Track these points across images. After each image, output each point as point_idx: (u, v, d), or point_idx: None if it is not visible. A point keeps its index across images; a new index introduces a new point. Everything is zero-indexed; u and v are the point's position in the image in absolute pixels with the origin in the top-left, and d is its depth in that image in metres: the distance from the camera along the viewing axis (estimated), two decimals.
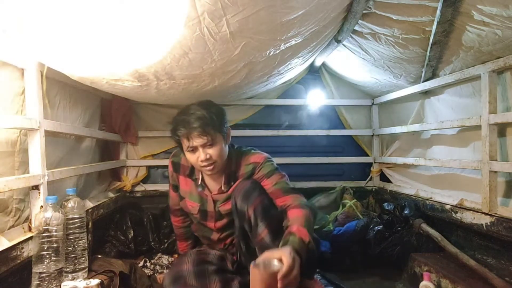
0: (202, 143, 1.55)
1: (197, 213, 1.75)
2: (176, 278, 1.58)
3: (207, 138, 1.55)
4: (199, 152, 1.57)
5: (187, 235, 1.99)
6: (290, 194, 1.61)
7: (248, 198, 1.55)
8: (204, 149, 1.57)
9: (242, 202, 1.56)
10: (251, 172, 1.68)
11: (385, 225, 2.21)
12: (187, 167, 1.77)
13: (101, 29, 1.26)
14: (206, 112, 1.58)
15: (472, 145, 2.05)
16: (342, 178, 3.14)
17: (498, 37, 1.60)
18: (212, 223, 1.75)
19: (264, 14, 1.32)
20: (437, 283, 1.73)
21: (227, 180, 1.70)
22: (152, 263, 2.13)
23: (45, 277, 1.40)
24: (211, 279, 1.59)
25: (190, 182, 1.77)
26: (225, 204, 1.71)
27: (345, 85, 3.14)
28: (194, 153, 1.58)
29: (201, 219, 1.77)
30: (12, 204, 1.50)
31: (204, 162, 1.57)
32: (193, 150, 1.58)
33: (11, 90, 1.50)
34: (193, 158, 1.59)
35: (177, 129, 1.58)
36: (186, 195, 1.78)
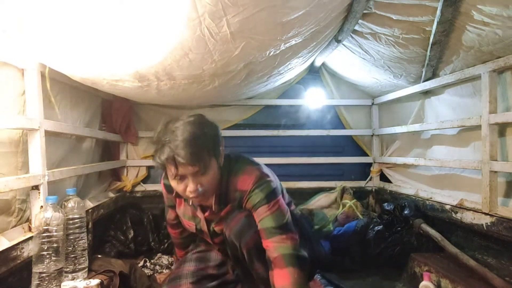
0: (193, 171, 1.31)
1: (194, 230, 1.66)
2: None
3: (199, 166, 1.31)
4: (189, 182, 1.33)
5: (185, 245, 1.92)
6: (272, 237, 1.36)
7: (241, 237, 1.40)
8: (194, 178, 1.33)
9: (235, 239, 1.42)
10: (238, 201, 1.46)
11: (385, 225, 2.21)
12: None
13: (101, 29, 1.26)
14: (197, 133, 1.32)
15: (472, 145, 2.04)
16: (342, 178, 3.14)
17: (498, 37, 1.60)
18: (209, 239, 1.66)
19: (265, 14, 1.32)
20: (437, 283, 1.73)
21: (217, 201, 1.48)
22: (152, 263, 2.14)
23: (45, 277, 1.40)
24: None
25: (183, 203, 1.63)
26: (219, 224, 1.55)
27: (345, 85, 3.14)
28: (181, 181, 1.35)
29: (199, 234, 1.69)
30: (15, 204, 1.50)
31: (193, 194, 1.35)
32: (181, 179, 1.34)
33: (12, 90, 1.50)
34: (180, 187, 1.36)
35: (162, 152, 1.30)
36: (181, 214, 1.67)
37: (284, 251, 1.33)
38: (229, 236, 1.45)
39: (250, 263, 1.43)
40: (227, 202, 1.49)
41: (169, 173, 1.34)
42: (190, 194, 1.36)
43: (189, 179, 1.33)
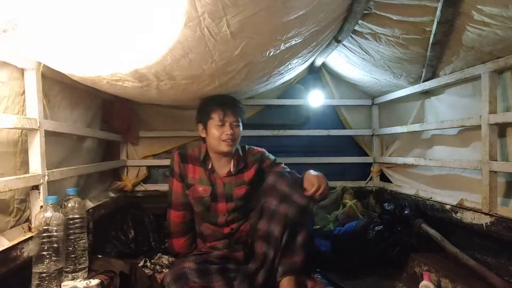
0: (233, 121, 1.83)
1: (209, 195, 1.85)
2: (178, 276, 1.59)
3: (237, 118, 1.85)
4: (226, 128, 1.81)
5: (185, 230, 1.98)
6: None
7: (270, 243, 1.66)
8: (231, 126, 1.83)
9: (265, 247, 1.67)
10: (260, 159, 1.98)
11: (385, 225, 2.22)
12: (195, 156, 1.92)
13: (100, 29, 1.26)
14: (238, 101, 1.94)
15: (472, 145, 2.05)
16: (342, 178, 3.14)
17: (498, 37, 1.60)
18: (223, 204, 1.86)
19: (265, 14, 1.32)
20: (437, 283, 1.73)
21: (236, 163, 1.90)
22: (153, 263, 2.13)
23: (45, 277, 1.40)
24: (213, 278, 1.60)
25: (199, 169, 1.90)
26: (239, 188, 1.89)
27: (345, 85, 3.14)
28: (221, 127, 1.81)
29: (211, 200, 1.86)
30: (13, 204, 1.50)
31: (228, 136, 1.80)
32: (222, 125, 1.81)
33: (12, 90, 1.50)
34: (219, 132, 1.81)
35: (214, 105, 1.84)
36: (195, 181, 1.89)
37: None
38: (259, 240, 1.69)
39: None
40: (245, 166, 1.93)
41: (213, 121, 1.82)
42: (225, 137, 1.80)
43: (227, 126, 1.82)
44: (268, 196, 1.70)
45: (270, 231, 1.65)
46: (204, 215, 1.90)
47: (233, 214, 1.87)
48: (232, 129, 1.82)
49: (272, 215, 1.66)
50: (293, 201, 1.67)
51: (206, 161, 1.90)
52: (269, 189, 1.73)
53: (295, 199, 1.68)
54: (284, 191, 1.69)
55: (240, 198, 1.87)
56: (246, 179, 1.91)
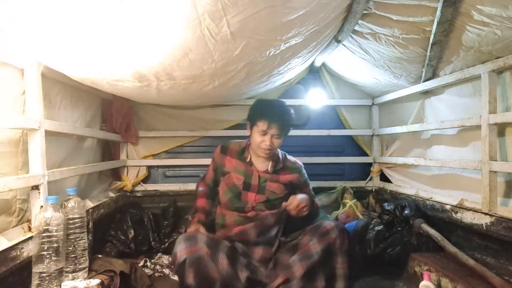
0: (275, 133, 1.88)
1: (241, 183, 1.95)
2: (188, 237, 1.66)
3: (280, 132, 1.89)
4: (267, 138, 1.87)
5: (209, 194, 2.14)
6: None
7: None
8: (272, 138, 1.88)
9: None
10: (298, 171, 2.07)
11: (385, 225, 2.22)
12: (234, 150, 2.05)
13: (101, 29, 1.26)
14: (290, 114, 1.96)
15: (472, 145, 2.05)
16: (343, 178, 3.14)
17: (498, 37, 1.60)
18: (253, 194, 1.94)
19: (265, 14, 1.32)
20: (437, 283, 1.73)
21: (274, 165, 2.00)
22: (153, 263, 2.14)
23: (45, 277, 1.40)
24: (220, 252, 1.64)
25: (237, 161, 2.02)
26: (272, 183, 1.97)
27: (345, 85, 3.14)
28: (262, 136, 1.88)
29: (243, 189, 1.95)
30: (15, 204, 1.50)
31: (266, 147, 1.88)
32: (264, 134, 1.87)
33: (12, 90, 1.50)
34: (259, 139, 1.89)
35: (262, 114, 1.89)
36: (231, 170, 2.00)
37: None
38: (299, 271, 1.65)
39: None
40: (282, 169, 2.02)
41: (257, 128, 1.89)
42: (263, 146, 1.88)
43: (268, 136, 1.88)
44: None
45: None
46: (232, 202, 1.95)
47: (261, 206, 1.93)
48: (272, 141, 1.89)
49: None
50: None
51: (245, 155, 2.01)
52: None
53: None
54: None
55: (272, 192, 1.95)
56: (281, 180, 1.99)
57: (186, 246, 1.59)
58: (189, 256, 1.56)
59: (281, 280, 1.61)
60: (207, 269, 1.57)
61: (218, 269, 1.59)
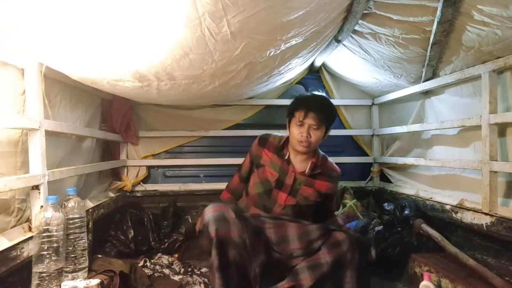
0: (312, 123, 1.76)
1: (274, 180, 1.85)
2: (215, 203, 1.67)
3: (318, 122, 1.76)
4: (304, 129, 1.76)
5: (236, 192, 2.06)
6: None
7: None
8: (309, 129, 1.77)
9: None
10: (335, 180, 1.96)
11: (385, 225, 2.21)
12: (273, 144, 1.94)
13: (101, 29, 1.26)
14: (329, 105, 1.85)
15: (472, 145, 2.05)
16: (342, 178, 3.09)
17: (498, 37, 1.60)
18: (284, 194, 1.84)
19: (265, 14, 1.32)
20: (437, 283, 1.73)
21: (312, 167, 1.87)
22: (152, 263, 2.13)
23: (45, 276, 1.40)
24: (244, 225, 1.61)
25: (274, 156, 1.91)
26: (307, 187, 1.86)
27: (345, 85, 3.14)
28: (300, 127, 1.78)
29: (275, 186, 1.85)
30: (14, 204, 1.50)
31: (303, 138, 1.76)
32: (301, 125, 1.77)
33: (12, 90, 1.50)
34: (297, 131, 1.78)
35: (299, 104, 1.80)
36: (267, 163, 1.90)
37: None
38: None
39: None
40: (320, 174, 1.89)
41: (295, 119, 1.79)
42: (300, 138, 1.77)
43: (305, 127, 1.76)
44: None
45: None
46: (261, 198, 1.87)
47: (289, 209, 1.84)
48: (310, 132, 1.77)
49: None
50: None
51: (284, 151, 1.90)
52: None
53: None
54: None
55: (304, 198, 1.85)
56: (316, 187, 1.87)
57: (212, 207, 1.61)
58: (214, 213, 1.57)
59: (287, 286, 1.57)
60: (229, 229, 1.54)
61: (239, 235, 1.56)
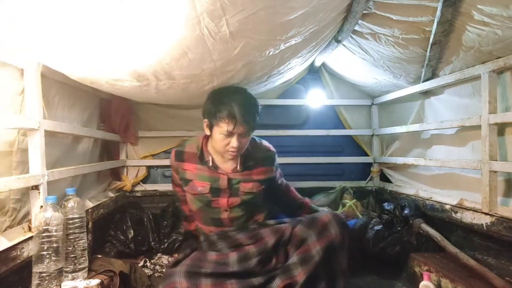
0: (242, 132, 1.59)
1: (208, 191, 1.73)
2: (166, 274, 1.49)
3: (248, 130, 1.61)
4: (233, 140, 1.60)
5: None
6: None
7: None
8: (239, 137, 1.61)
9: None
10: (272, 160, 1.86)
11: (385, 224, 2.21)
12: (192, 154, 1.78)
13: (100, 28, 1.26)
14: (255, 104, 1.66)
15: (472, 145, 2.04)
16: (342, 178, 3.14)
17: (498, 37, 1.60)
18: (225, 199, 1.74)
19: (264, 14, 1.32)
20: (437, 283, 1.73)
21: (243, 161, 1.75)
22: (152, 263, 2.13)
23: (45, 277, 1.40)
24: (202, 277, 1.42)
25: (198, 166, 1.77)
26: (245, 183, 1.75)
27: (345, 85, 3.14)
28: (227, 137, 1.61)
29: (212, 196, 1.74)
30: (9, 204, 1.49)
31: (233, 149, 1.62)
32: (228, 135, 1.60)
33: (11, 89, 1.50)
34: (223, 142, 1.62)
35: (223, 112, 1.57)
36: (193, 177, 1.77)
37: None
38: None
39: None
40: (254, 162, 1.77)
41: (219, 129, 1.60)
42: (230, 149, 1.62)
43: (235, 137, 1.59)
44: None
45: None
46: (204, 212, 1.79)
47: (236, 210, 1.74)
48: (240, 140, 1.62)
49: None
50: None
51: (205, 157, 1.76)
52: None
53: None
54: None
55: (246, 192, 1.74)
56: (254, 177, 1.76)
57: (164, 285, 1.40)
58: None
59: (282, 286, 1.49)
60: None
61: None
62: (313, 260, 1.49)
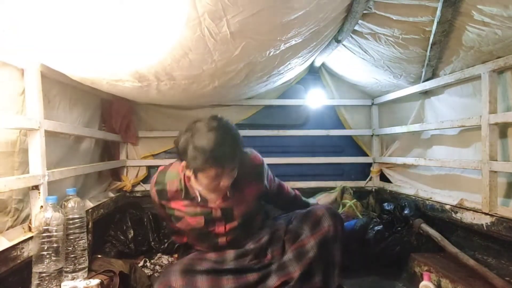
0: (230, 171, 1.45)
1: (203, 224, 1.63)
2: (162, 272, 1.54)
3: (235, 165, 1.46)
4: (223, 179, 1.46)
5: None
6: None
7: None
8: (228, 175, 1.46)
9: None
10: (261, 172, 1.68)
11: (385, 225, 2.21)
12: (175, 190, 1.62)
13: (101, 29, 1.26)
14: (231, 137, 1.44)
15: (472, 145, 2.04)
16: (342, 178, 3.14)
17: (498, 37, 1.60)
18: (222, 227, 1.65)
19: (265, 14, 1.32)
20: (437, 283, 1.73)
21: (231, 187, 1.55)
22: (152, 263, 2.13)
23: (45, 277, 1.40)
24: (198, 274, 1.45)
25: (185, 202, 1.63)
26: (238, 206, 1.63)
27: (345, 85, 3.14)
28: (214, 181, 1.45)
29: (208, 227, 1.64)
30: (11, 204, 1.50)
31: (224, 190, 1.51)
32: (216, 178, 1.44)
33: (12, 90, 1.50)
34: (213, 185, 1.47)
35: (201, 158, 1.37)
36: (184, 214, 1.65)
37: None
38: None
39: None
40: (244, 180, 1.59)
41: (207, 175, 1.41)
42: (222, 188, 1.48)
43: (224, 177, 1.45)
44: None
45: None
46: (200, 238, 1.72)
47: (235, 233, 1.67)
48: (228, 181, 1.48)
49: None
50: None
51: (191, 194, 1.61)
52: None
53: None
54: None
55: (242, 213, 1.65)
56: (247, 197, 1.65)
57: (159, 283, 1.43)
58: None
59: (278, 283, 1.50)
60: None
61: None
62: (308, 255, 1.52)
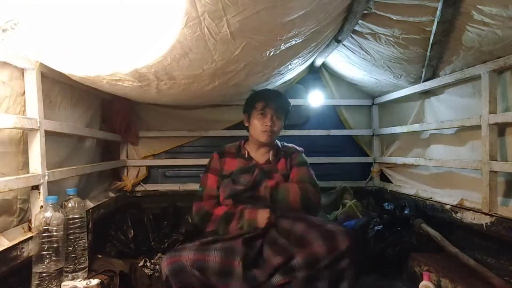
0: (274, 113, 1.93)
1: (251, 182, 1.87)
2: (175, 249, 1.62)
3: (278, 112, 1.95)
4: (267, 119, 1.92)
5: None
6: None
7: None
8: (272, 118, 1.93)
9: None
10: (291, 151, 2.07)
11: (385, 225, 2.21)
12: (231, 151, 2.06)
13: (101, 29, 1.26)
14: (284, 96, 2.05)
15: (472, 145, 2.05)
16: (342, 178, 3.14)
17: (498, 37, 1.60)
18: (265, 183, 1.87)
19: (265, 14, 1.32)
20: (437, 283, 1.73)
21: (275, 153, 2.03)
22: (152, 263, 2.13)
23: (45, 277, 1.40)
24: (212, 251, 1.54)
25: (237, 160, 2.01)
26: (275, 174, 1.95)
27: (345, 85, 3.14)
28: (262, 118, 1.94)
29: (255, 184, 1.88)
30: (16, 204, 1.50)
31: (267, 128, 1.92)
32: (263, 114, 1.93)
33: (12, 90, 1.50)
34: (260, 121, 1.94)
35: (257, 97, 1.96)
36: (235, 172, 1.95)
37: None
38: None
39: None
40: (282, 156, 2.03)
41: (256, 110, 1.95)
42: (265, 128, 1.93)
43: (268, 117, 1.93)
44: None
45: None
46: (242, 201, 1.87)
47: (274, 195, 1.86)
48: (273, 121, 1.92)
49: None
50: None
51: (242, 152, 2.03)
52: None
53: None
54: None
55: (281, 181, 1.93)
56: (278, 168, 2.00)
57: (168, 258, 1.52)
58: (170, 266, 1.48)
59: (282, 282, 1.51)
60: (189, 281, 1.48)
61: (211, 266, 1.50)
62: (318, 265, 1.47)
